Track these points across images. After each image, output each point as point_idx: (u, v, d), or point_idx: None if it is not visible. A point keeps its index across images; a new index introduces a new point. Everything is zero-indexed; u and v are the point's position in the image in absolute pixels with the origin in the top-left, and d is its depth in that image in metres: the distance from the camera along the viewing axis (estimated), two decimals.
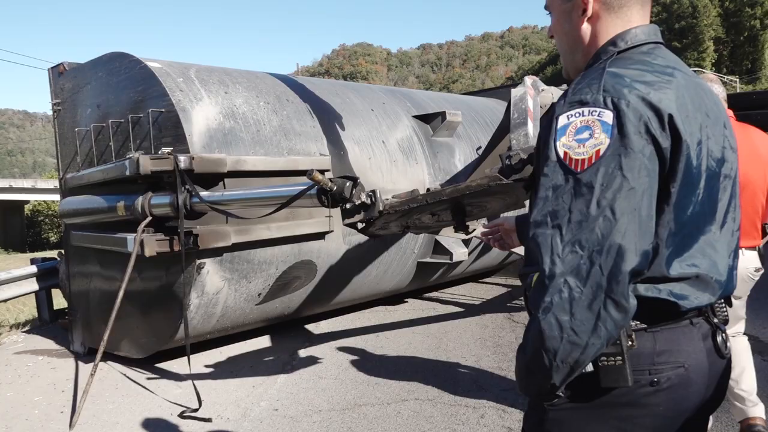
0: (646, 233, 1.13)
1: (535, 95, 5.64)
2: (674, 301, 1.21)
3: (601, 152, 1.11)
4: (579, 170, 1.12)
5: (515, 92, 5.59)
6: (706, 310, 1.28)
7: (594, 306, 1.09)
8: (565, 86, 7.49)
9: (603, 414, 1.23)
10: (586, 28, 1.34)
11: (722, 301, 1.33)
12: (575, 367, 1.13)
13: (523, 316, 6.12)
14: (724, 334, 1.30)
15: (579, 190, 1.12)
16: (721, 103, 1.37)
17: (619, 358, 1.17)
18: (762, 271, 3.15)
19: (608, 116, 1.13)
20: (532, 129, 5.30)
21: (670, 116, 1.15)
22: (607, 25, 1.31)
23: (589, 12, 1.32)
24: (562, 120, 1.18)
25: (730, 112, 3.16)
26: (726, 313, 1.34)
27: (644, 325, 1.22)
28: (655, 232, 1.16)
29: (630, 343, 1.19)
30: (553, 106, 1.25)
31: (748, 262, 3.09)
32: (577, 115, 1.16)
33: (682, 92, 1.19)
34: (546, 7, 1.44)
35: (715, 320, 1.30)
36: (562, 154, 1.15)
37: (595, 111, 1.14)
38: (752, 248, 3.10)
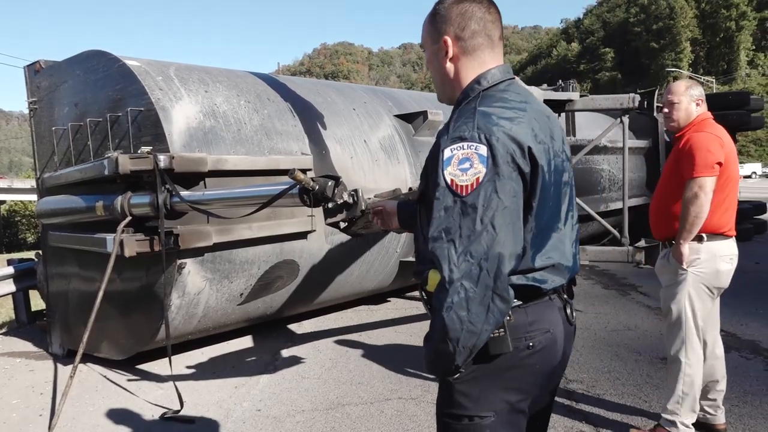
0: (518, 240, 1.44)
1: None
2: (538, 285, 1.54)
3: (480, 179, 1.40)
4: (464, 194, 1.40)
5: None
6: (559, 289, 1.62)
7: (485, 301, 1.38)
8: (545, 86, 7.58)
9: (495, 378, 1.54)
10: (450, 66, 1.64)
11: (570, 280, 1.69)
12: (473, 350, 1.43)
13: None
14: (571, 307, 1.67)
15: (465, 210, 1.40)
16: (559, 123, 1.67)
17: (502, 330, 1.49)
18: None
19: (483, 150, 1.41)
20: None
21: (529, 148, 1.45)
22: (465, 64, 1.63)
23: (451, 54, 1.62)
24: (447, 153, 1.44)
25: (709, 114, 3.26)
26: (572, 290, 1.71)
27: (518, 303, 1.53)
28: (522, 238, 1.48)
29: (508, 318, 1.51)
30: (439, 139, 1.52)
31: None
32: (459, 148, 1.43)
33: (533, 123, 1.51)
34: (421, 46, 1.76)
35: (565, 296, 1.66)
36: (449, 181, 1.42)
37: (473, 145, 1.42)
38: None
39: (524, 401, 1.58)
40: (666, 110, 3.33)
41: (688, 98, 3.25)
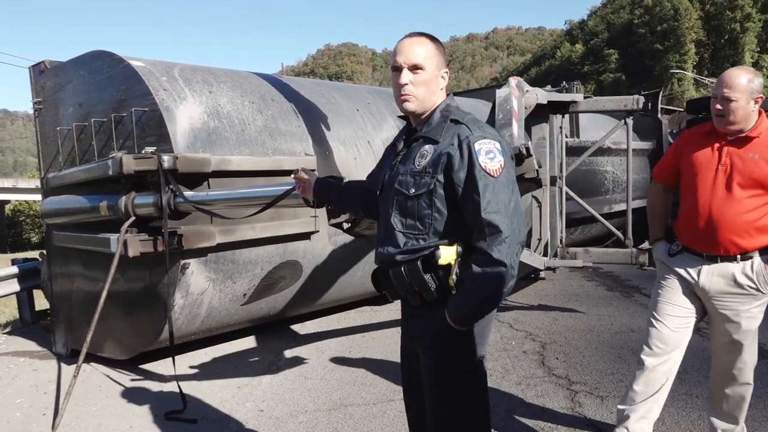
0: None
1: (519, 96, 5.68)
2: None
3: (503, 165, 1.90)
4: (496, 176, 1.88)
5: (500, 93, 5.62)
6: None
7: (518, 251, 1.90)
8: (549, 87, 7.57)
9: (487, 326, 2.06)
10: (442, 91, 2.10)
11: None
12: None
13: (508, 316, 6.15)
14: None
15: (498, 187, 1.88)
16: None
17: None
18: None
19: (499, 146, 1.92)
20: (517, 129, 5.34)
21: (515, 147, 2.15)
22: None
23: (446, 80, 2.11)
24: (476, 146, 1.90)
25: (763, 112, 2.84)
26: None
27: None
28: None
29: None
30: (465, 137, 1.93)
31: None
32: (484, 144, 1.91)
33: None
34: (418, 66, 1.99)
35: None
36: (484, 166, 1.88)
37: (491, 142, 1.91)
38: None
39: None
40: (719, 107, 2.70)
41: (748, 95, 2.65)
